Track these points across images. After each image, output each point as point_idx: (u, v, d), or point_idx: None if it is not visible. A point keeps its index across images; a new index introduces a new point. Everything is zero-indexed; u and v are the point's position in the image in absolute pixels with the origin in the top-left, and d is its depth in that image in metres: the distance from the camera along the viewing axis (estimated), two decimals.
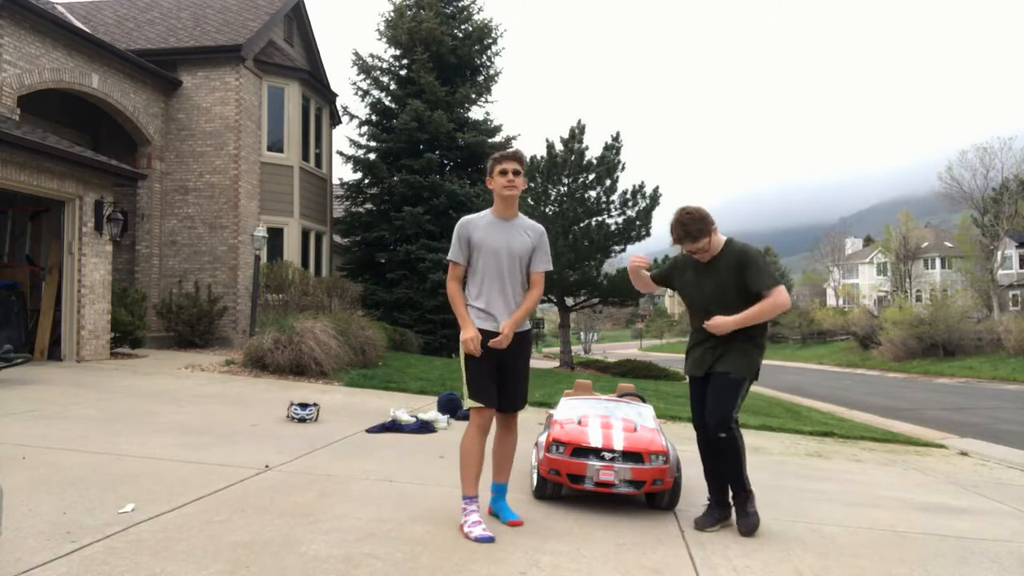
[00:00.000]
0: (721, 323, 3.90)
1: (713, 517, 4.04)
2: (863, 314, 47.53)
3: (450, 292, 3.86)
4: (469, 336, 3.68)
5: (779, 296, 3.88)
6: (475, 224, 3.83)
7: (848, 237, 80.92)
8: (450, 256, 3.87)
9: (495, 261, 3.78)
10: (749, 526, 3.88)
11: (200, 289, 14.14)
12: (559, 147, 25.50)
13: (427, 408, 7.66)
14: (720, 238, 4.04)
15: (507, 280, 3.80)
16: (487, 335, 3.73)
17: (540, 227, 3.93)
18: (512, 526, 3.77)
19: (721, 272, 4.00)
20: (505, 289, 3.80)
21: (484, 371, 3.72)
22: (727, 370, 3.94)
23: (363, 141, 19.41)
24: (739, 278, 3.94)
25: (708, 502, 4.13)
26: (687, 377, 4.30)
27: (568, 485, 4.23)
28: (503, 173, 3.79)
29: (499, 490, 3.95)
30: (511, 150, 3.93)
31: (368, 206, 19.53)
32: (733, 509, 4.01)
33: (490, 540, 3.49)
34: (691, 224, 3.92)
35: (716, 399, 3.94)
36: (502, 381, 3.80)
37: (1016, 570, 3.72)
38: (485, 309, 3.78)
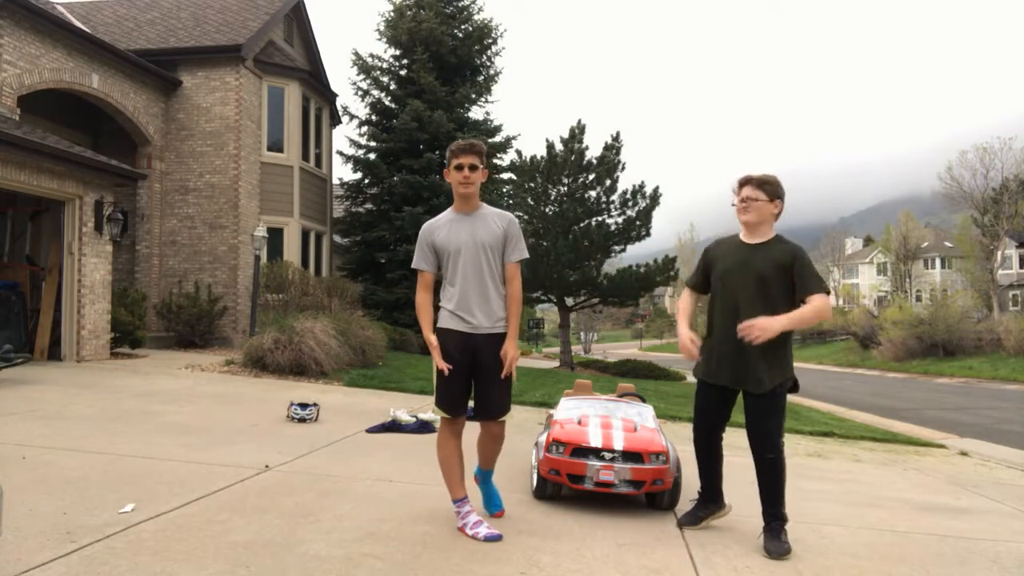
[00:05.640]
0: (767, 324, 3.51)
1: (696, 516, 4.02)
2: (863, 314, 47.49)
3: (417, 303, 3.75)
4: (437, 358, 3.60)
5: (826, 302, 3.69)
6: (436, 226, 3.70)
7: (848, 237, 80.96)
8: (414, 264, 3.73)
9: (462, 258, 3.60)
10: (781, 550, 3.62)
11: (200, 289, 14.13)
12: (559, 147, 25.49)
13: (427, 408, 7.65)
14: (771, 224, 3.82)
15: (481, 275, 3.60)
16: (457, 336, 3.61)
17: (509, 215, 3.72)
18: (497, 518, 3.86)
19: (766, 266, 3.71)
20: (481, 286, 3.61)
21: (451, 381, 3.58)
22: (761, 391, 3.69)
23: (363, 141, 19.42)
24: (784, 277, 3.68)
25: (694, 500, 4.09)
26: (696, 380, 4.00)
27: (568, 485, 4.23)
28: (459, 168, 3.58)
29: (484, 475, 3.97)
30: (467, 142, 3.66)
31: (368, 206, 19.53)
32: (762, 534, 3.75)
33: (499, 538, 3.50)
34: (762, 176, 3.80)
35: (759, 420, 3.72)
36: (477, 388, 3.67)
37: (1016, 570, 3.72)
38: (454, 311, 3.63)
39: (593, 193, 25.63)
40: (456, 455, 3.70)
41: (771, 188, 3.78)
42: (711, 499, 4.05)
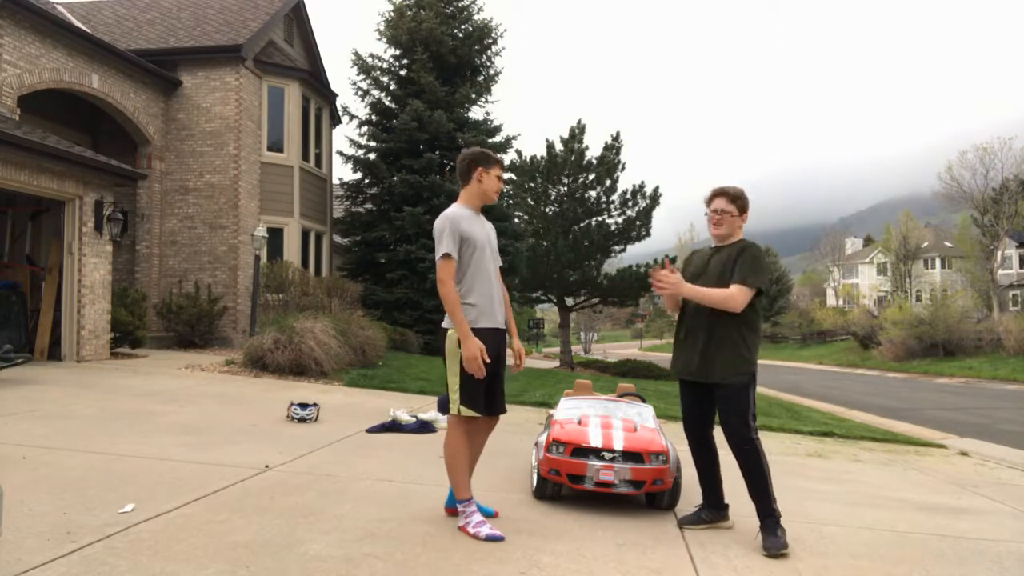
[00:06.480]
0: (675, 280, 3.78)
1: (699, 517, 4.03)
2: (863, 314, 47.53)
3: (450, 294, 3.56)
4: (475, 354, 3.49)
5: (736, 293, 3.74)
6: (461, 216, 3.70)
7: (848, 237, 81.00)
8: (448, 249, 3.57)
9: (487, 255, 3.72)
10: (778, 546, 3.63)
11: (200, 289, 14.13)
12: (559, 147, 25.52)
13: (427, 408, 7.66)
14: (740, 234, 3.98)
15: (498, 274, 3.82)
16: (493, 335, 3.65)
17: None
18: (494, 518, 3.84)
19: (718, 267, 3.90)
20: (499, 283, 3.82)
21: (484, 381, 3.60)
22: (725, 380, 3.79)
23: (363, 141, 19.41)
24: (726, 271, 3.83)
25: (699, 506, 4.12)
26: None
27: (568, 485, 4.22)
28: (500, 178, 3.86)
29: None
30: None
31: (368, 206, 19.53)
32: (760, 532, 3.76)
33: (501, 539, 3.50)
34: (735, 190, 3.99)
35: (726, 415, 3.81)
36: (494, 385, 3.72)
37: (1016, 570, 3.72)
38: (484, 307, 3.66)
39: (593, 193, 25.66)
40: (468, 453, 3.72)
41: (741, 203, 3.98)
42: (714, 505, 4.06)
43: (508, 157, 22.98)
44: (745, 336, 3.83)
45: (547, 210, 25.91)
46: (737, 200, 3.96)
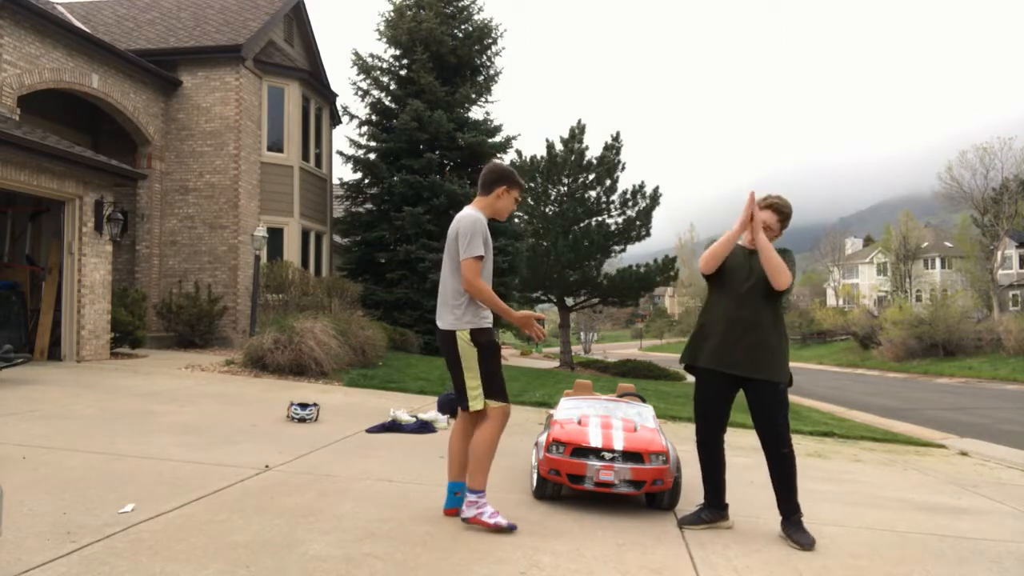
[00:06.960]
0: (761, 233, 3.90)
1: (699, 517, 4.04)
2: (863, 314, 47.58)
3: (487, 289, 3.71)
4: (529, 316, 3.78)
5: (789, 278, 3.93)
6: (485, 222, 3.82)
7: (848, 237, 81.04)
8: (482, 251, 3.69)
9: (490, 262, 3.87)
10: (811, 540, 3.79)
11: (200, 289, 14.13)
12: (559, 147, 25.54)
13: (427, 408, 7.66)
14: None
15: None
16: (491, 331, 3.81)
17: None
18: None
19: (758, 266, 3.98)
20: None
21: (501, 369, 3.83)
22: (769, 378, 3.86)
23: (363, 141, 19.42)
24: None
25: (699, 505, 4.12)
26: (694, 369, 4.06)
27: (568, 485, 4.22)
28: (516, 201, 3.98)
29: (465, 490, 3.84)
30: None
31: (368, 206, 19.54)
32: (785, 528, 3.92)
33: (514, 528, 3.63)
34: (790, 211, 4.11)
35: (769, 413, 3.90)
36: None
37: (1016, 570, 3.72)
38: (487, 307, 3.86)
39: (593, 193, 25.69)
40: (467, 450, 3.84)
41: (785, 226, 4.10)
42: (714, 505, 4.07)
43: (508, 157, 22.97)
44: (783, 337, 4.02)
45: (547, 210, 25.93)
46: (784, 221, 4.11)
